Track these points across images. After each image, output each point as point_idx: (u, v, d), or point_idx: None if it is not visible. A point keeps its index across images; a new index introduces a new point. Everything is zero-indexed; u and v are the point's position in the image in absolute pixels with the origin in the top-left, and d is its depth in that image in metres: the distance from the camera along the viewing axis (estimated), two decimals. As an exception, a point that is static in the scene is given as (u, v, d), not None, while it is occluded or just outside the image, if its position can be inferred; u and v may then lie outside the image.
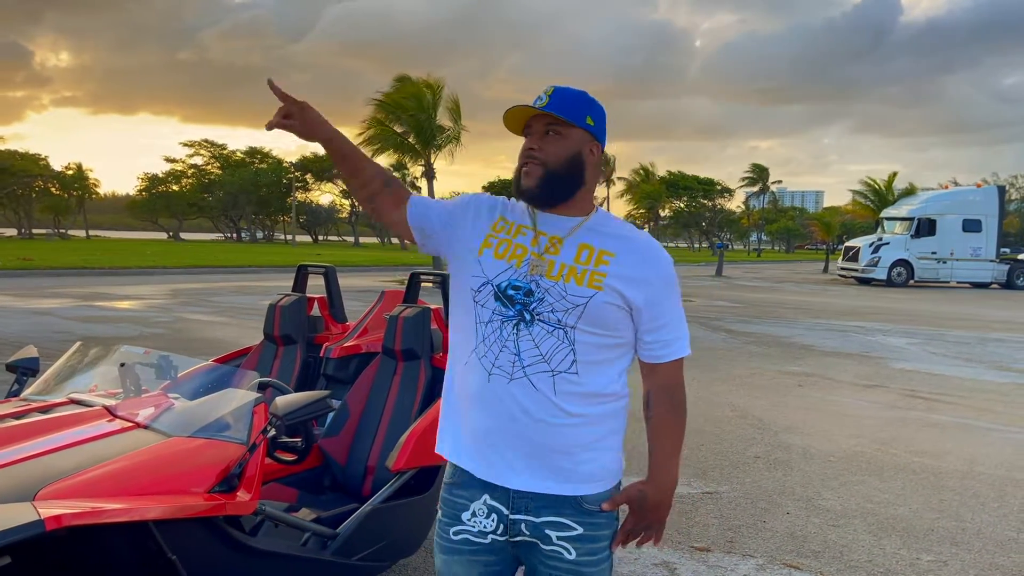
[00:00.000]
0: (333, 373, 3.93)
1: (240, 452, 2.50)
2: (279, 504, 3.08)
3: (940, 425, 6.79)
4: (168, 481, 2.36)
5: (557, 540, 1.76)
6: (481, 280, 1.81)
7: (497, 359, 1.75)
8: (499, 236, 1.84)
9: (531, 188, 1.79)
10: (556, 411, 1.74)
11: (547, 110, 1.76)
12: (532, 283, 1.76)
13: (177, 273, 24.98)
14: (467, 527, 1.81)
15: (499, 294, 1.77)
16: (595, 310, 1.74)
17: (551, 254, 1.79)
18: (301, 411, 2.54)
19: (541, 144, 1.79)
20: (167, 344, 9.76)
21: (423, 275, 4.00)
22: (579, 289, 1.74)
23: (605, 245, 1.79)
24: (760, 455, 5.63)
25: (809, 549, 3.93)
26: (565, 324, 1.73)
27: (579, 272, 1.76)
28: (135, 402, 2.77)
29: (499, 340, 1.76)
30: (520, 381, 1.74)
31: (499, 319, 1.76)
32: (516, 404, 1.74)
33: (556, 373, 1.74)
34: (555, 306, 1.74)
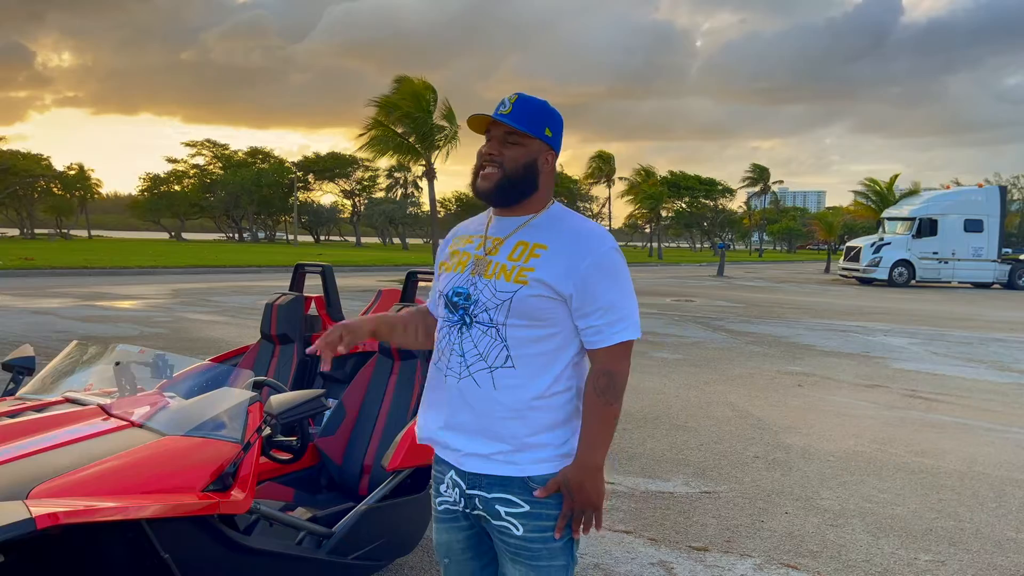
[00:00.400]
0: (330, 372, 3.92)
1: (235, 451, 2.50)
2: (274, 503, 3.08)
3: (940, 425, 6.77)
4: (162, 480, 2.36)
5: (505, 515, 1.87)
6: (437, 293, 2.00)
7: (449, 362, 1.91)
8: (456, 252, 2.01)
9: (487, 190, 1.90)
10: (497, 405, 1.85)
11: (508, 121, 1.86)
12: (471, 286, 1.89)
13: (178, 273, 24.99)
14: (445, 498, 1.98)
15: (448, 302, 1.93)
16: (520, 304, 1.83)
17: (491, 255, 1.91)
18: (296, 410, 2.54)
19: (500, 149, 1.89)
20: (167, 344, 9.76)
21: (420, 274, 4.00)
22: (506, 285, 1.85)
23: (540, 239, 1.89)
24: (759, 455, 5.62)
25: (807, 549, 3.92)
26: (496, 322, 1.84)
27: (508, 269, 1.87)
28: (130, 401, 2.77)
29: (449, 344, 1.91)
30: (466, 380, 1.88)
31: (447, 325, 1.92)
32: (464, 400, 1.88)
33: (493, 369, 1.85)
34: (487, 305, 1.86)
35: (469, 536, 1.98)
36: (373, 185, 75.18)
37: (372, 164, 66.70)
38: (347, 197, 77.12)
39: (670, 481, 4.93)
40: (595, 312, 1.83)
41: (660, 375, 8.61)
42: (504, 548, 1.90)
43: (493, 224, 1.96)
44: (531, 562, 1.87)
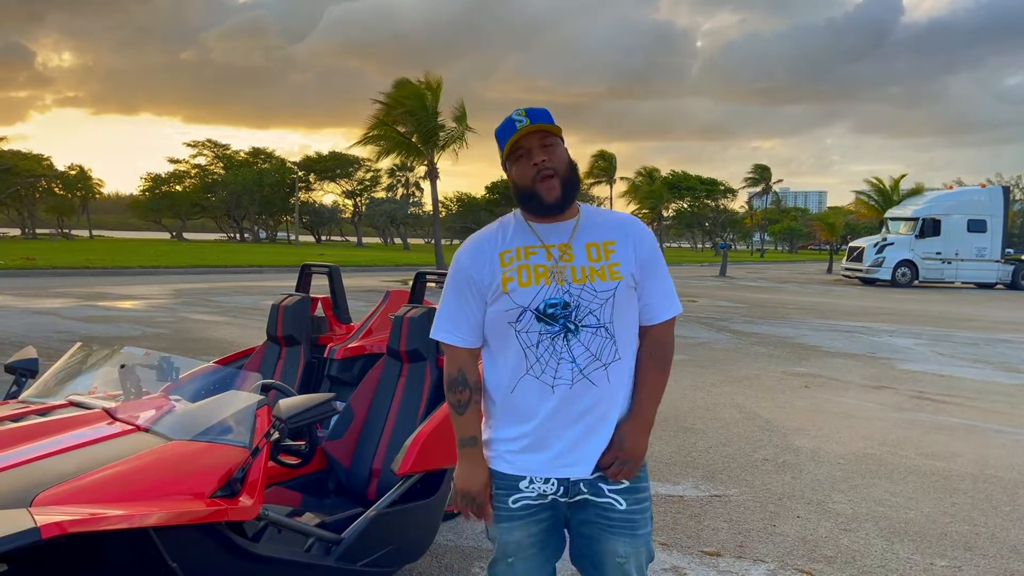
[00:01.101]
0: (337, 374, 3.87)
1: (243, 456, 2.45)
2: (282, 508, 3.03)
3: (949, 427, 6.71)
4: (169, 486, 2.30)
5: (609, 493, 2.02)
6: (517, 310, 1.98)
7: (557, 372, 1.97)
8: (514, 267, 2.00)
9: (556, 199, 1.99)
10: (612, 400, 2.01)
11: (541, 120, 1.97)
12: (565, 295, 1.96)
13: (180, 273, 24.95)
14: (525, 494, 2.03)
15: (540, 316, 1.96)
16: (621, 298, 1.98)
17: (567, 261, 1.99)
18: (305, 414, 2.48)
19: (549, 155, 1.98)
20: (169, 344, 9.71)
21: (428, 275, 3.94)
22: (604, 284, 1.97)
23: (604, 236, 2.04)
24: (768, 457, 5.56)
25: (821, 554, 3.86)
26: (602, 321, 1.97)
27: (598, 269, 1.98)
28: (136, 404, 2.72)
29: (554, 355, 1.97)
30: (581, 383, 1.97)
31: (548, 337, 1.96)
32: (581, 405, 1.98)
33: (607, 365, 1.98)
34: (590, 307, 1.96)
35: (543, 530, 2.06)
36: (375, 185, 75.13)
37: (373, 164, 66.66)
38: (348, 197, 77.09)
39: (680, 484, 4.87)
40: (653, 292, 2.05)
41: (666, 376, 8.54)
42: (606, 525, 2.02)
43: (539, 232, 2.03)
44: (633, 532, 2.03)
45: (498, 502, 2.05)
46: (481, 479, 2.04)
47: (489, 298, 2.01)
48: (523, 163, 2.00)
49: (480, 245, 2.07)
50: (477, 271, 2.02)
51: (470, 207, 74.57)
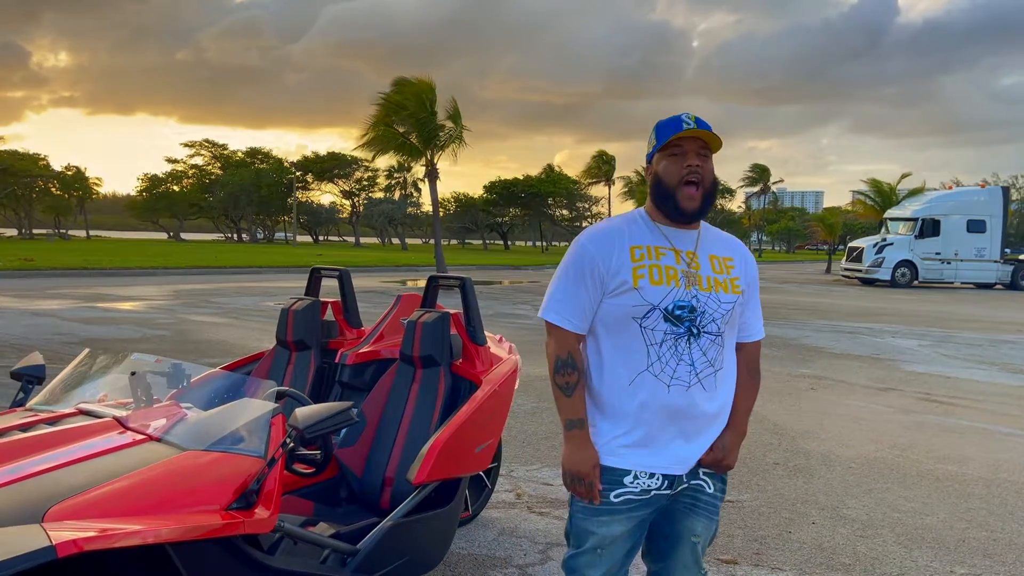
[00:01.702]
0: (348, 380, 3.80)
1: (258, 466, 2.38)
2: (296, 518, 2.96)
3: (959, 430, 6.66)
4: (183, 498, 2.24)
5: (703, 474, 2.15)
6: (646, 307, 2.03)
7: (675, 372, 2.03)
8: (645, 264, 2.05)
9: (695, 210, 2.06)
10: (717, 402, 2.11)
11: (709, 127, 2.04)
12: (692, 299, 2.04)
13: (178, 274, 24.85)
14: (629, 489, 2.08)
15: (668, 315, 2.02)
16: (736, 312, 2.12)
17: (695, 268, 2.08)
18: (323, 423, 2.41)
19: (701, 163, 2.04)
20: (171, 346, 9.64)
21: (441, 279, 3.88)
22: (728, 296, 2.09)
23: (722, 252, 2.16)
24: (779, 461, 5.51)
25: (839, 562, 3.81)
26: (720, 330, 2.08)
27: (722, 281, 2.10)
28: (146, 413, 2.65)
29: (675, 356, 2.03)
30: (696, 387, 2.06)
31: (672, 338, 2.03)
32: (694, 406, 2.06)
33: (717, 371, 2.10)
34: (714, 316, 2.06)
35: (636, 525, 2.13)
36: (372, 185, 75.01)
37: (371, 164, 66.55)
38: (346, 197, 76.94)
39: (691, 489, 4.81)
40: (753, 312, 2.21)
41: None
42: (691, 504, 2.15)
43: (670, 235, 2.10)
44: (711, 515, 2.20)
45: (605, 495, 2.09)
46: (591, 460, 2.07)
47: (613, 290, 2.03)
48: (675, 161, 2.04)
49: (609, 235, 2.10)
50: (604, 260, 2.05)
51: (468, 207, 74.51)
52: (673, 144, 2.04)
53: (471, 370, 3.56)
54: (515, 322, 13.41)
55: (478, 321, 3.70)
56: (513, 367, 3.71)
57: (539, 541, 3.92)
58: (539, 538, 3.95)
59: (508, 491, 4.65)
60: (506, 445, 5.58)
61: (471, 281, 3.80)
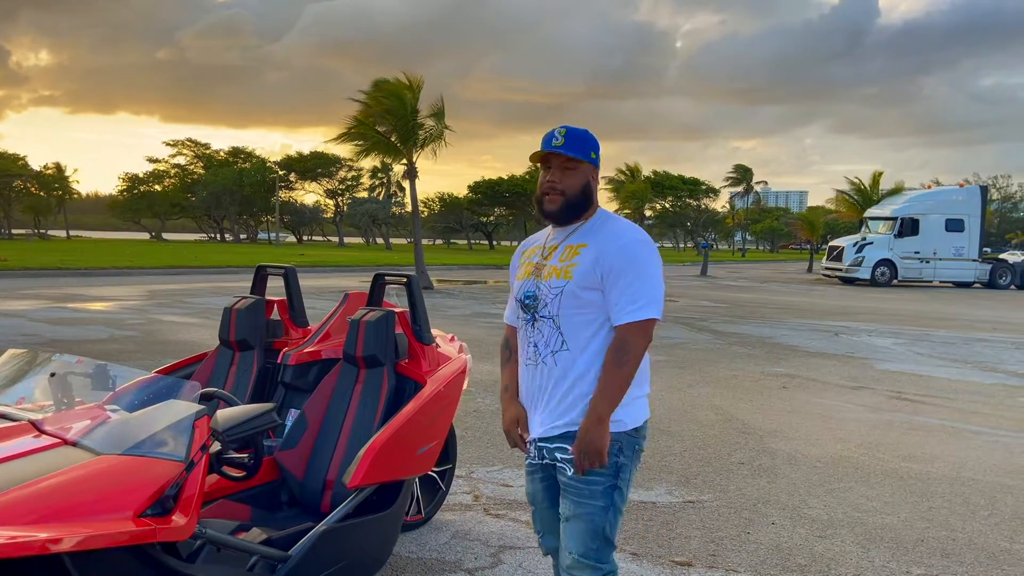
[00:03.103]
0: (291, 381, 3.70)
1: (177, 470, 2.28)
2: (227, 524, 2.86)
3: (927, 428, 6.64)
4: (94, 505, 2.13)
5: (561, 461, 2.33)
6: (513, 298, 2.45)
7: (527, 353, 2.38)
8: (523, 263, 2.47)
9: (553, 212, 2.33)
10: (558, 380, 2.31)
11: (563, 151, 2.28)
12: (535, 288, 2.34)
13: (156, 274, 24.59)
14: (531, 459, 2.46)
15: (522, 304, 2.38)
16: (567, 297, 2.27)
17: (546, 260, 2.36)
18: (243, 426, 2.32)
19: (560, 177, 2.30)
20: (138, 346, 9.49)
21: (387, 276, 3.78)
22: (556, 282, 2.29)
23: (582, 240, 2.32)
24: (744, 461, 5.45)
25: (795, 563, 3.75)
26: (553, 314, 2.29)
27: (558, 268, 2.31)
28: (66, 416, 2.54)
29: (526, 338, 2.38)
30: (538, 366, 2.35)
31: (524, 323, 2.39)
32: (537, 381, 2.36)
33: (555, 352, 2.31)
34: (546, 300, 2.30)
35: (546, 487, 2.46)
36: (356, 185, 74.69)
37: (355, 163, 66.25)
38: (330, 197, 76.54)
39: (653, 490, 4.75)
40: (621, 295, 2.23)
41: (643, 378, 8.43)
42: (563, 484, 2.34)
43: (552, 236, 2.41)
44: (576, 498, 2.30)
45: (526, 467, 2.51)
46: (509, 416, 2.46)
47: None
48: (544, 174, 2.34)
49: (526, 243, 2.56)
50: (514, 264, 2.53)
51: (452, 207, 74.32)
52: (544, 158, 2.33)
53: (416, 370, 3.47)
54: (492, 321, 13.33)
55: (424, 320, 3.62)
56: (461, 367, 3.62)
57: (492, 544, 3.83)
58: (492, 541, 3.87)
59: (466, 493, 4.56)
60: (468, 445, 5.50)
61: (417, 279, 3.71)
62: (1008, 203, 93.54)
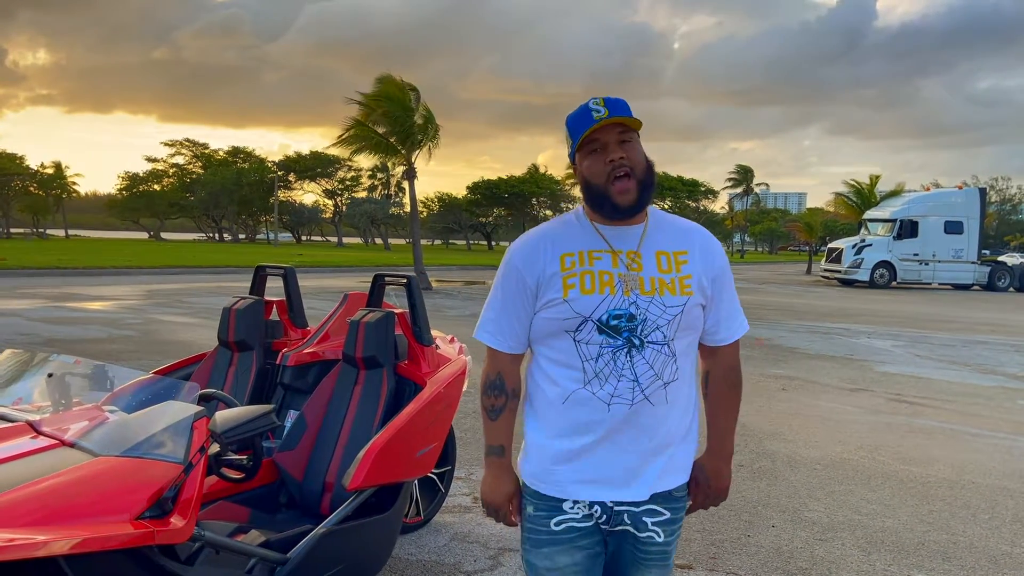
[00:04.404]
0: (290, 382, 3.69)
1: (175, 472, 2.26)
2: (226, 526, 2.84)
3: (927, 431, 6.63)
4: (91, 507, 2.12)
5: (652, 526, 1.88)
6: (577, 319, 1.81)
7: (616, 389, 1.80)
8: (576, 272, 1.83)
9: (631, 203, 1.80)
10: (672, 421, 1.85)
11: (621, 114, 1.78)
12: (631, 307, 1.80)
13: (154, 273, 24.56)
14: (569, 516, 1.87)
15: (603, 327, 1.79)
16: (688, 315, 1.83)
17: (635, 271, 1.82)
18: (242, 428, 2.31)
19: (624, 152, 1.79)
20: (137, 347, 9.46)
21: (388, 276, 3.77)
22: (674, 299, 1.81)
23: (675, 246, 1.87)
24: (744, 463, 5.44)
25: (796, 566, 3.74)
26: (668, 338, 1.81)
27: (668, 281, 1.82)
28: (64, 417, 2.52)
29: (615, 371, 1.80)
30: (640, 404, 1.81)
31: (609, 351, 1.80)
32: (638, 427, 1.82)
33: (667, 384, 1.83)
34: (658, 322, 1.80)
35: (588, 556, 1.90)
36: (355, 185, 74.69)
37: (354, 164, 66.30)
38: (329, 197, 76.53)
39: (652, 492, 4.73)
40: (725, 310, 1.90)
41: (642, 379, 8.42)
42: (642, 558, 1.91)
43: (608, 235, 1.85)
44: (665, 563, 1.93)
45: (539, 524, 1.89)
46: (505, 491, 1.95)
47: (544, 304, 1.84)
48: (597, 159, 1.80)
49: (537, 244, 1.88)
50: (531, 273, 1.85)
51: (451, 207, 74.30)
52: (589, 139, 1.80)
53: (416, 371, 3.45)
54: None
55: (424, 321, 3.60)
56: (461, 368, 3.60)
57: (491, 547, 3.82)
58: (492, 543, 3.86)
59: (465, 495, 4.55)
60: (469, 446, 5.48)
61: (417, 280, 3.70)
62: (1007, 205, 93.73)
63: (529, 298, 1.87)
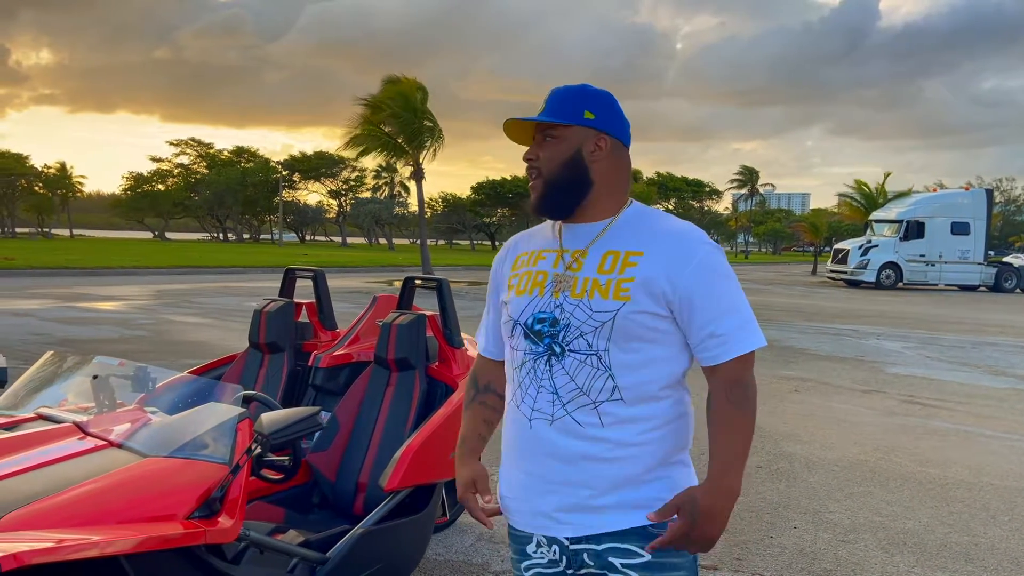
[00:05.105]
0: (322, 383, 3.73)
1: (222, 473, 2.31)
2: (264, 525, 2.89)
3: (941, 433, 6.65)
4: (143, 506, 2.16)
5: (622, 567, 1.61)
6: (510, 323, 1.69)
7: (536, 402, 1.62)
8: (519, 272, 1.72)
9: (536, 203, 1.68)
10: (607, 445, 1.59)
11: (538, 118, 1.63)
12: (556, 309, 1.60)
13: (161, 273, 24.63)
14: (535, 560, 1.71)
15: (527, 331, 1.64)
16: (624, 324, 1.56)
17: (574, 271, 1.62)
18: (288, 429, 2.35)
19: (537, 151, 1.66)
20: (150, 347, 9.51)
21: (417, 279, 3.81)
22: (604, 303, 1.56)
23: (633, 245, 1.61)
24: (762, 464, 5.47)
25: (821, 567, 3.77)
26: (596, 348, 1.57)
27: (602, 283, 1.58)
28: (108, 418, 2.57)
29: (535, 381, 1.62)
30: (562, 421, 1.60)
31: (531, 359, 1.63)
32: (562, 448, 1.60)
33: (598, 404, 1.58)
34: (582, 328, 1.58)
35: None
36: (360, 185, 74.77)
37: (359, 164, 66.39)
38: (333, 197, 76.63)
39: (673, 493, 4.77)
40: (714, 321, 1.58)
41: (655, 380, 8.45)
42: None
43: (565, 234, 1.68)
44: None
45: (514, 567, 1.77)
46: (462, 479, 1.83)
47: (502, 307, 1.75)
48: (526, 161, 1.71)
49: (515, 244, 1.81)
50: (497, 275, 1.80)
51: (455, 208, 74.34)
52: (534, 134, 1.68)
53: (447, 373, 3.49)
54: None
55: (455, 323, 3.64)
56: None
57: (517, 547, 3.85)
58: (517, 544, 3.89)
59: (488, 495, 4.58)
60: (491, 446, 5.51)
61: (448, 282, 3.74)
62: (1011, 206, 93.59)
63: (498, 291, 1.81)
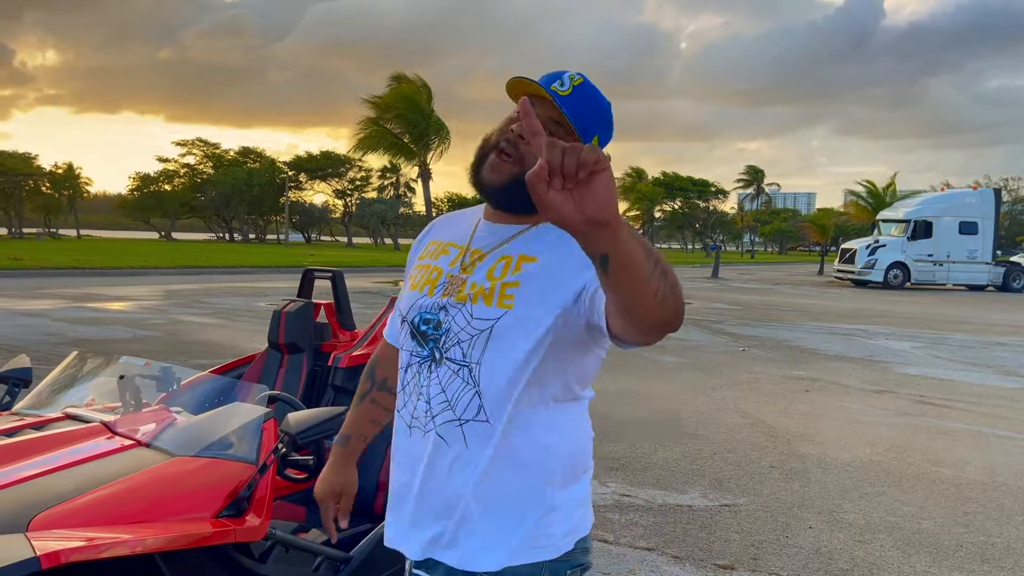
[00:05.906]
0: (342, 383, 3.74)
1: (249, 472, 2.33)
2: (287, 524, 2.91)
3: (954, 433, 6.65)
4: (172, 505, 2.19)
5: None
6: (398, 318, 1.54)
7: (415, 410, 1.46)
8: (423, 263, 1.56)
9: (494, 184, 1.44)
10: (462, 477, 1.40)
11: (563, 107, 1.42)
12: (440, 311, 1.44)
13: (169, 273, 24.72)
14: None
15: (414, 332, 1.47)
16: (504, 335, 1.37)
17: (467, 273, 1.46)
18: (316, 428, 2.37)
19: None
20: (162, 347, 9.56)
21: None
22: (486, 310, 1.39)
23: (533, 250, 1.42)
24: (775, 464, 5.48)
25: (837, 567, 3.78)
26: (469, 359, 1.39)
27: (487, 288, 1.40)
28: (135, 417, 2.59)
29: (416, 387, 1.46)
30: (430, 435, 1.43)
31: (416, 362, 1.47)
32: (429, 462, 1.43)
33: (464, 423, 1.39)
34: (459, 336, 1.40)
35: None
36: (365, 185, 74.89)
37: (364, 164, 66.51)
38: (339, 197, 76.76)
39: (687, 493, 4.78)
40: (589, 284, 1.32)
41: (667, 380, 8.47)
42: None
43: (480, 230, 1.51)
44: None
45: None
46: (332, 483, 1.72)
47: None
48: (506, 121, 1.48)
49: (432, 228, 1.67)
50: (412, 257, 1.64)
51: (460, 208, 74.30)
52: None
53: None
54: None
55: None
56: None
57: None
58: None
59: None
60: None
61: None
62: (1018, 205, 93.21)
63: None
